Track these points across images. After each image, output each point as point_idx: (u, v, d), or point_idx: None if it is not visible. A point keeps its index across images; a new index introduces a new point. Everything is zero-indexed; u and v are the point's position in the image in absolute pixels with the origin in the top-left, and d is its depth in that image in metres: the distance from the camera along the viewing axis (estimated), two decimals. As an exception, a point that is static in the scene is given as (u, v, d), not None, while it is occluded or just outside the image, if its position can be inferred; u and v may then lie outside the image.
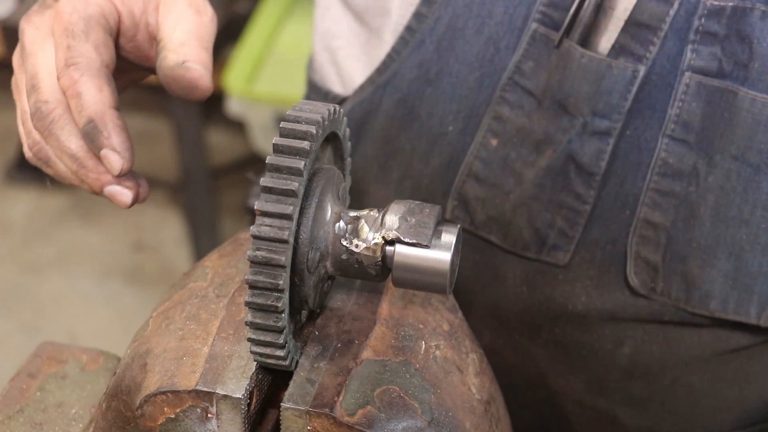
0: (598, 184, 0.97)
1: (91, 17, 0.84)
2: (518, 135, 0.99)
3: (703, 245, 0.96)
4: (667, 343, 1.02)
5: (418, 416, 0.76)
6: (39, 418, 0.88)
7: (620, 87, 0.95)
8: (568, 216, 0.99)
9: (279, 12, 2.75)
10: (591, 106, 0.96)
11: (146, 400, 0.76)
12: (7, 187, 3.30)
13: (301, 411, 0.75)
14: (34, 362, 0.93)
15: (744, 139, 0.93)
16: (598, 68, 0.95)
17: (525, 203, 1.00)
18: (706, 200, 0.95)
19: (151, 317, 0.84)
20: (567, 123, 0.97)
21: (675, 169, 0.95)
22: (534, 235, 1.01)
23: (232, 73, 2.61)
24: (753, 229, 0.95)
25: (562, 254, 1.00)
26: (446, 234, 0.77)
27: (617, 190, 0.98)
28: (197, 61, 0.84)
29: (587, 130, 0.97)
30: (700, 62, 0.93)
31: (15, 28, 2.99)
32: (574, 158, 0.97)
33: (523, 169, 0.99)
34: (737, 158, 0.93)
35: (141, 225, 3.21)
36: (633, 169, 0.97)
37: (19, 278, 3.04)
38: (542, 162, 0.98)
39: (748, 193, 0.94)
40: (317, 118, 0.74)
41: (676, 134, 0.95)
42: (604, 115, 0.96)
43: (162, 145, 3.39)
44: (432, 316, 0.85)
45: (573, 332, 1.04)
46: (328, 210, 0.78)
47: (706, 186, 0.95)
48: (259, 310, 0.73)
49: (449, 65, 1.01)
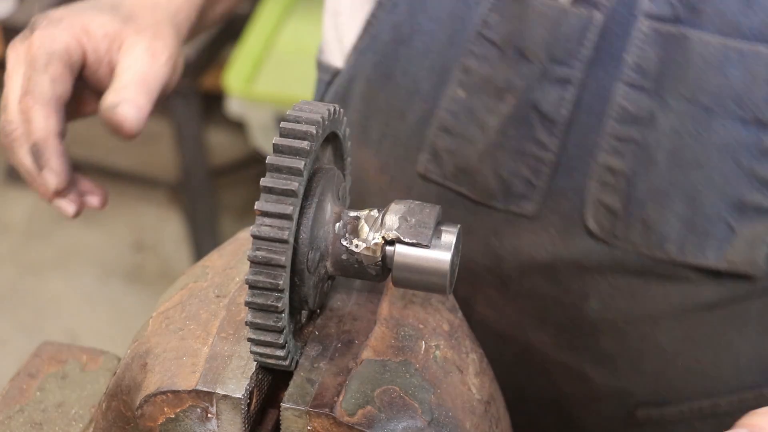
0: (560, 132, 0.99)
1: (54, 52, 0.95)
2: (482, 84, 1.01)
3: (660, 189, 0.98)
4: (633, 298, 1.03)
5: (418, 416, 0.76)
6: (39, 418, 0.88)
7: (576, 33, 0.97)
8: (532, 164, 1.01)
9: (279, 12, 2.75)
10: (548, 52, 0.98)
11: (146, 400, 0.76)
12: (7, 187, 3.30)
13: (301, 411, 0.75)
14: (34, 362, 0.94)
15: (696, 82, 0.94)
16: (554, 15, 0.97)
17: (490, 152, 1.02)
18: (662, 144, 0.97)
19: (151, 317, 0.84)
20: (525, 69, 0.99)
21: (633, 115, 0.97)
22: (500, 184, 1.02)
23: (232, 73, 2.61)
24: (708, 172, 0.96)
25: (529, 204, 1.02)
26: (446, 234, 0.77)
27: (580, 138, 0.99)
28: (132, 105, 0.95)
29: (547, 77, 0.99)
30: (654, 8, 0.95)
31: (15, 28, 3.01)
32: (535, 106, 1.00)
33: (487, 117, 1.02)
34: (690, 101, 0.95)
35: (141, 225, 3.21)
36: (595, 117, 0.98)
37: (19, 278, 3.04)
38: (504, 109, 1.01)
39: (702, 136, 0.95)
40: (317, 118, 0.74)
41: (633, 81, 0.96)
42: (562, 62, 0.98)
43: (162, 145, 3.39)
44: (432, 316, 0.85)
45: (541, 284, 1.05)
46: (328, 210, 0.78)
47: (662, 130, 0.96)
48: (259, 310, 0.73)
49: (421, 24, 1.04)
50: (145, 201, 3.27)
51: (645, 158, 0.97)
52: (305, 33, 2.70)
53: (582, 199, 1.00)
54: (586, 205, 1.00)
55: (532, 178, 1.01)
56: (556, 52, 0.98)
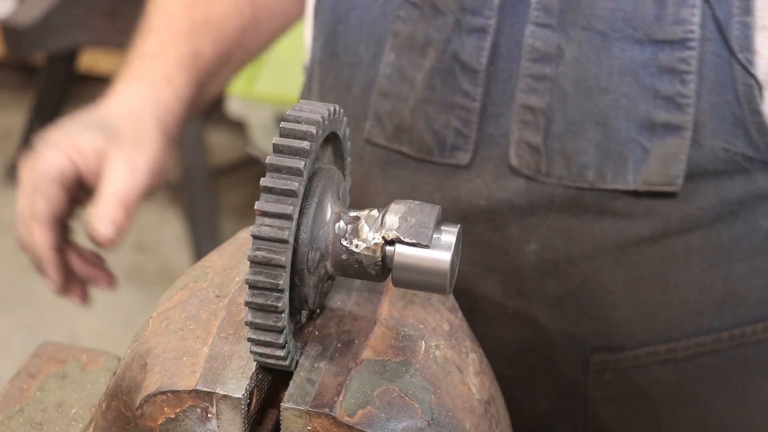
0: (482, 81, 1.03)
1: (50, 175, 1.08)
2: (407, 43, 1.07)
3: (574, 119, 1.01)
4: (570, 237, 1.05)
5: (418, 416, 0.76)
6: (39, 418, 0.88)
7: None
8: (461, 115, 1.05)
9: (279, 12, 2.75)
10: (459, 3, 1.03)
11: (146, 400, 0.76)
12: (7, 187, 3.30)
13: (301, 411, 0.75)
14: (34, 362, 0.94)
15: (589, 9, 0.99)
16: None
17: (421, 107, 1.06)
18: (569, 76, 1.00)
19: (151, 317, 0.84)
20: (441, 22, 1.04)
21: (542, 53, 1.01)
22: (435, 138, 1.06)
23: (232, 73, 2.60)
24: (613, 96, 1.00)
25: (463, 154, 1.06)
26: (446, 234, 0.77)
27: (502, 84, 1.03)
28: (106, 218, 1.06)
29: (463, 28, 1.03)
30: None
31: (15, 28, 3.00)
32: (457, 57, 1.04)
33: (414, 73, 1.06)
34: (587, 29, 0.99)
35: (141, 225, 3.21)
36: (513, 61, 1.03)
37: (19, 278, 3.04)
38: (427, 64, 1.05)
39: (602, 62, 0.99)
40: (317, 118, 0.75)
41: (539, 20, 1.01)
42: (474, 11, 1.03)
43: (162, 145, 3.38)
44: (432, 316, 0.85)
45: (483, 232, 1.08)
46: (328, 210, 0.78)
47: (568, 62, 1.00)
48: (259, 310, 0.73)
49: (355, 1, 1.10)
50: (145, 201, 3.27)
51: (558, 92, 1.01)
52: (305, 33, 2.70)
53: (508, 142, 1.04)
54: (510, 145, 1.03)
55: (463, 129, 1.05)
56: (467, 2, 1.02)
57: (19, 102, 3.44)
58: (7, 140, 3.35)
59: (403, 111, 1.08)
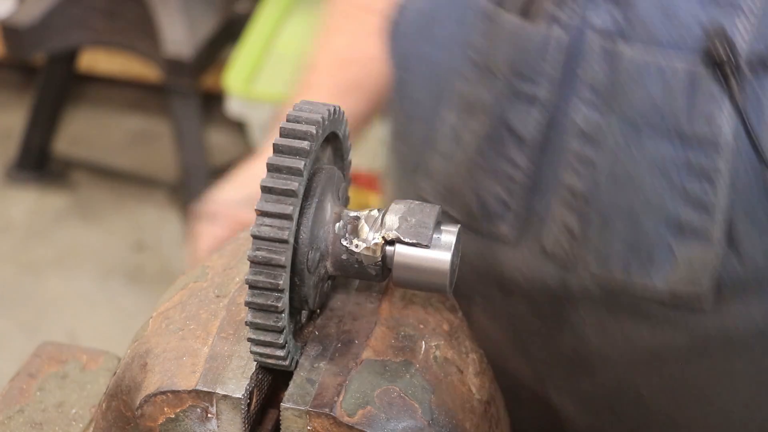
0: (531, 152, 0.99)
1: None
2: (462, 103, 1.03)
3: (606, 210, 0.97)
4: (605, 335, 1.01)
5: (418, 416, 0.76)
6: (39, 418, 0.88)
7: (538, 49, 0.97)
8: (506, 184, 1.01)
9: (279, 12, 2.75)
10: (512, 67, 0.98)
11: (146, 400, 0.76)
12: (7, 187, 3.30)
13: (301, 411, 0.75)
14: (34, 362, 0.93)
15: (625, 96, 0.94)
16: (515, 30, 0.98)
17: (469, 171, 1.03)
18: (606, 163, 0.96)
19: (151, 317, 0.84)
20: (493, 86, 1.00)
21: (587, 133, 0.96)
22: (479, 204, 1.03)
23: (232, 73, 2.61)
24: (644, 192, 0.95)
25: (505, 225, 1.02)
26: (446, 234, 0.77)
27: (551, 158, 0.99)
28: None
29: (515, 94, 0.99)
30: (600, 22, 0.95)
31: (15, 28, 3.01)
32: (507, 124, 1.00)
33: (466, 135, 1.03)
34: (622, 117, 0.94)
35: (141, 225, 3.21)
36: (562, 136, 0.98)
37: (19, 278, 3.04)
38: (478, 127, 1.02)
39: (634, 153, 0.94)
40: (317, 118, 0.74)
41: (587, 98, 0.96)
42: (527, 78, 0.98)
43: (162, 145, 3.39)
44: (432, 316, 0.85)
45: (524, 312, 1.05)
46: (328, 210, 0.78)
47: (607, 149, 0.96)
48: (259, 310, 0.73)
49: (425, 52, 1.07)
50: (145, 201, 3.27)
51: (596, 179, 0.96)
52: (305, 33, 2.70)
53: (548, 221, 1.00)
54: (548, 226, 0.99)
55: (507, 199, 1.01)
56: (521, 67, 0.98)
57: (19, 102, 3.43)
58: (7, 140, 3.35)
59: (452, 172, 1.04)
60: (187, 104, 2.76)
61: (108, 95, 3.60)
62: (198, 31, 2.69)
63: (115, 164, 3.35)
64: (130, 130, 3.51)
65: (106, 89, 3.58)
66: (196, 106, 2.79)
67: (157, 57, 2.68)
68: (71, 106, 3.43)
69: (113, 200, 3.27)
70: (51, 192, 3.29)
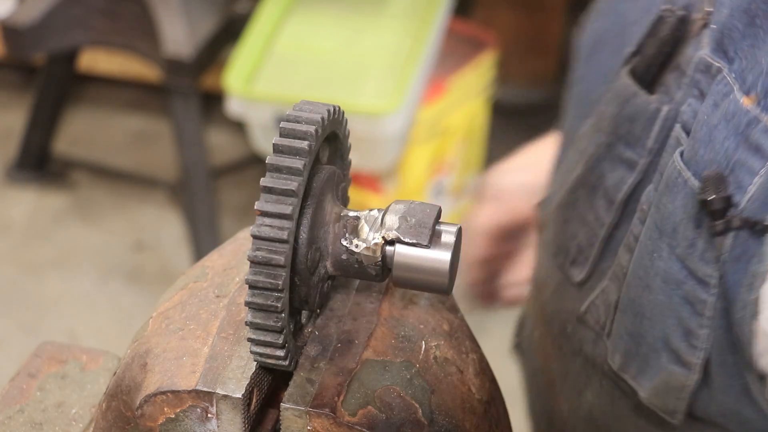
0: (614, 213, 0.97)
1: (487, 233, 1.27)
2: (567, 143, 1.09)
3: (625, 299, 0.95)
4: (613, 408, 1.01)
5: (418, 416, 0.76)
6: (39, 418, 0.88)
7: (643, 118, 0.94)
8: (588, 235, 1.01)
9: (279, 12, 2.75)
10: (614, 127, 0.96)
11: (146, 400, 0.76)
12: (7, 187, 3.30)
13: (301, 411, 0.75)
14: (34, 362, 0.93)
15: (657, 198, 0.90)
16: (625, 93, 0.96)
17: (561, 209, 1.05)
18: (639, 252, 0.93)
19: (151, 317, 0.84)
20: (596, 138, 1.00)
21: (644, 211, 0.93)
22: (562, 244, 1.05)
23: (232, 73, 2.60)
24: (651, 297, 0.92)
25: (578, 271, 1.02)
26: (446, 234, 0.77)
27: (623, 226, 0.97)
28: (514, 298, 1.32)
29: (616, 153, 0.97)
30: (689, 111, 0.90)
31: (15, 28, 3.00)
32: (602, 178, 0.98)
33: (565, 177, 1.05)
34: (652, 214, 0.91)
35: (141, 225, 3.21)
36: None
37: (19, 278, 3.04)
38: (575, 174, 1.03)
39: (653, 256, 0.91)
40: (317, 118, 0.74)
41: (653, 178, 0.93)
42: (628, 143, 0.95)
43: (162, 145, 3.39)
44: (432, 316, 0.85)
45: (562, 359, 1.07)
46: (328, 210, 0.78)
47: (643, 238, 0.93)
48: (259, 310, 0.73)
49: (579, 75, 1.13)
50: (145, 201, 3.27)
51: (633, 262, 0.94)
52: (305, 33, 2.70)
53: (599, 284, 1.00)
54: (596, 290, 0.99)
55: (586, 248, 1.01)
56: (622, 130, 0.96)
57: (19, 102, 3.44)
58: (7, 140, 3.35)
59: (548, 206, 1.08)
60: (187, 104, 2.76)
61: (108, 95, 3.60)
62: (198, 31, 2.69)
63: (115, 164, 3.35)
64: (130, 130, 3.52)
65: (106, 89, 3.59)
66: (196, 106, 2.79)
67: (157, 57, 2.68)
68: (71, 106, 3.43)
69: (113, 200, 3.28)
70: (51, 192, 3.29)
